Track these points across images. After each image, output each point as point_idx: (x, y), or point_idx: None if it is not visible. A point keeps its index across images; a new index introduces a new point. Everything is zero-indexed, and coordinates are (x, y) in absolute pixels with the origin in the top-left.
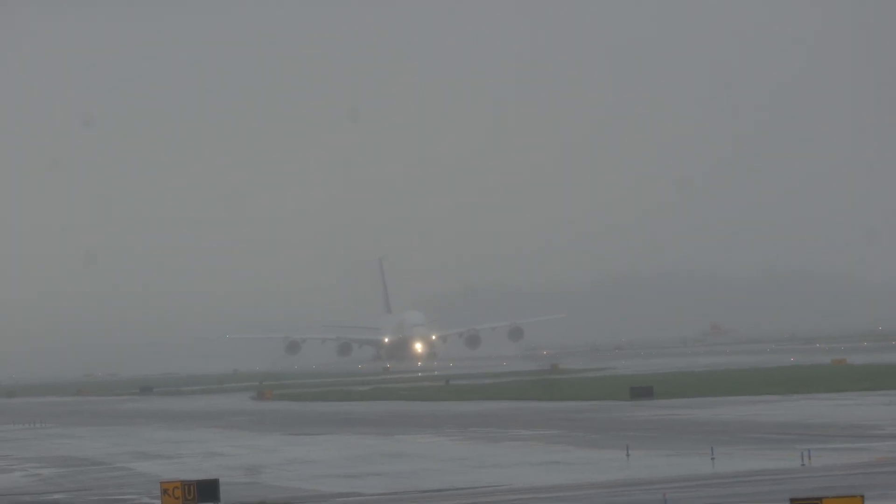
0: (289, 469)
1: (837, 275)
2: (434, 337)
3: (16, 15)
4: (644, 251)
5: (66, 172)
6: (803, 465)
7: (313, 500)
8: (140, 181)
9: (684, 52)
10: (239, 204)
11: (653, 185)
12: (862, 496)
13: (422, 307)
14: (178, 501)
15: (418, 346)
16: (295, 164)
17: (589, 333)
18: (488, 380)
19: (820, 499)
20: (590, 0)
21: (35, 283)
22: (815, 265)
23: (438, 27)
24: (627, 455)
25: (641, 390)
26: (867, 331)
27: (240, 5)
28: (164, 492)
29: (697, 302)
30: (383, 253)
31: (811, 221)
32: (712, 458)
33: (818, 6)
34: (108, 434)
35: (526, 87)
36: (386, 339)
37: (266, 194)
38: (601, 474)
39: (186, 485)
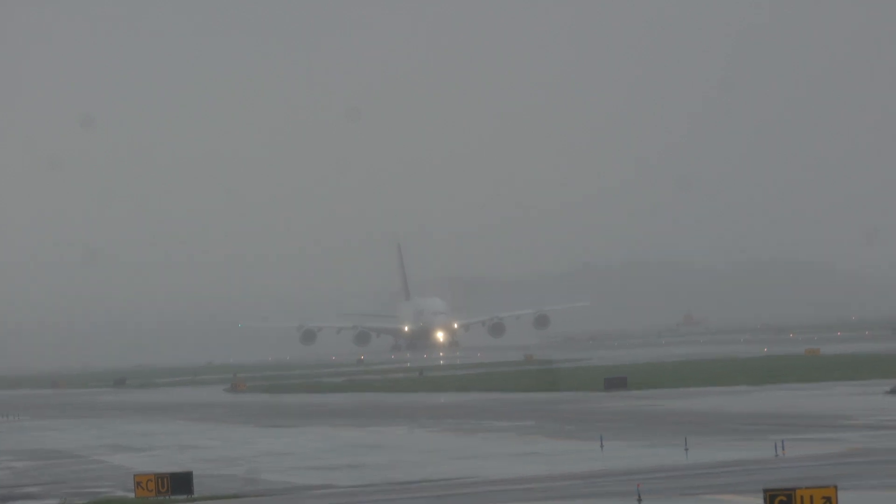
0: (262, 462)
1: (810, 265)
2: (456, 325)
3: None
4: (617, 241)
5: (66, 171)
6: (777, 455)
7: (287, 492)
8: (140, 176)
9: (661, 38)
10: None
11: (626, 177)
12: (835, 486)
13: (443, 294)
14: (151, 494)
15: (440, 335)
16: (300, 153)
17: (561, 324)
18: (463, 371)
19: (793, 489)
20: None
21: (18, 277)
22: (788, 255)
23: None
24: (602, 446)
25: (615, 381)
26: (841, 320)
27: (240, 5)
28: (138, 484)
29: (670, 292)
30: (401, 239)
31: (784, 212)
32: (686, 449)
33: None
34: (82, 426)
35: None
36: (406, 328)
37: (271, 178)
38: (576, 465)
39: (160, 477)
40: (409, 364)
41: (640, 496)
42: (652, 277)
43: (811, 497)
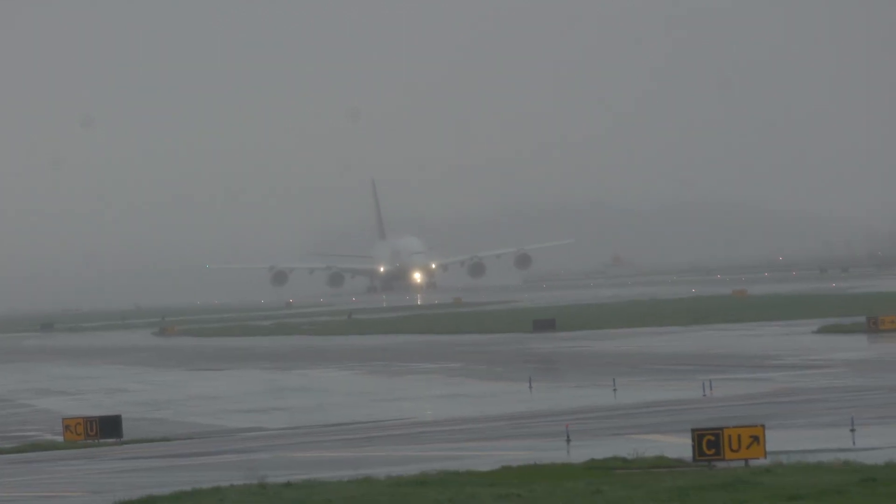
0: (192, 405)
1: (737, 206)
2: (434, 266)
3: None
4: (547, 183)
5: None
6: (704, 395)
7: (217, 435)
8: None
9: None
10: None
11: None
12: (762, 426)
13: (420, 233)
14: (80, 437)
15: (417, 276)
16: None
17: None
18: (391, 314)
19: (721, 428)
20: None
21: None
22: (715, 196)
23: None
24: (530, 387)
25: (544, 323)
26: (768, 261)
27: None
28: (67, 428)
29: (599, 234)
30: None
31: (712, 153)
32: (614, 390)
33: None
34: (9, 371)
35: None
36: (381, 269)
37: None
38: (504, 407)
39: (89, 421)
40: (335, 307)
41: (568, 437)
42: (580, 219)
43: (738, 436)
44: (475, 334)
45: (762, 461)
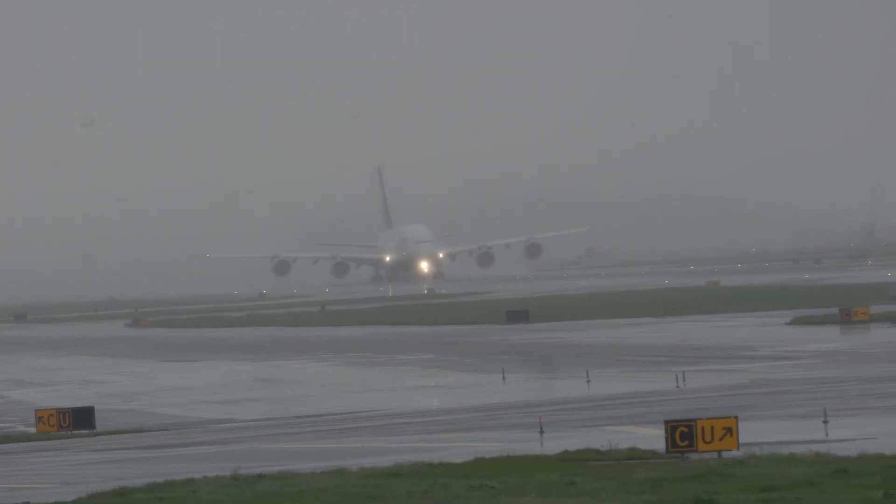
0: (165, 396)
1: (711, 197)
2: (441, 255)
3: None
4: (521, 172)
5: None
6: (678, 386)
7: (190, 426)
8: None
9: None
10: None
11: (532, 109)
12: (736, 417)
13: (427, 221)
14: (53, 429)
15: (424, 266)
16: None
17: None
18: (365, 305)
19: (694, 420)
20: None
21: None
22: (688, 187)
23: None
24: (504, 379)
25: (517, 314)
26: (741, 252)
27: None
28: (40, 419)
29: (574, 224)
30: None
31: (684, 144)
32: (587, 381)
33: None
34: None
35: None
36: (387, 258)
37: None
38: (478, 398)
39: (61, 412)
40: (310, 298)
41: (542, 428)
42: (555, 209)
43: (712, 428)
44: (449, 326)
45: (735, 453)
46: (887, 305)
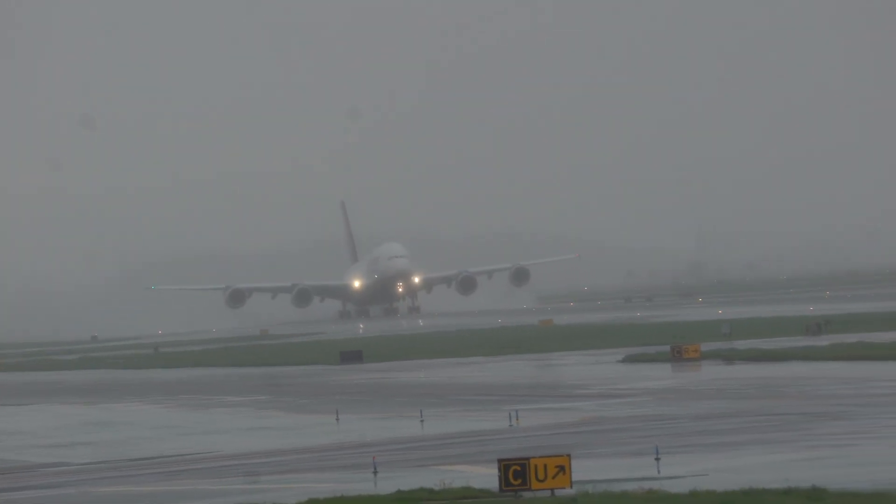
0: None
1: (539, 236)
2: (417, 280)
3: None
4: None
5: None
6: (511, 425)
7: (20, 471)
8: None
9: None
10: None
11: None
12: (568, 455)
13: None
14: None
15: (399, 287)
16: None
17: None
18: (198, 346)
19: (528, 459)
20: None
21: None
22: (515, 228)
23: None
24: (337, 419)
25: (351, 354)
26: (573, 291)
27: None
28: None
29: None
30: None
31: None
32: (421, 421)
33: None
34: None
35: None
36: (356, 284)
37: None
38: (310, 439)
39: None
40: (142, 340)
41: (375, 468)
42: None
43: (545, 466)
44: (282, 367)
45: (568, 491)
46: (718, 343)
